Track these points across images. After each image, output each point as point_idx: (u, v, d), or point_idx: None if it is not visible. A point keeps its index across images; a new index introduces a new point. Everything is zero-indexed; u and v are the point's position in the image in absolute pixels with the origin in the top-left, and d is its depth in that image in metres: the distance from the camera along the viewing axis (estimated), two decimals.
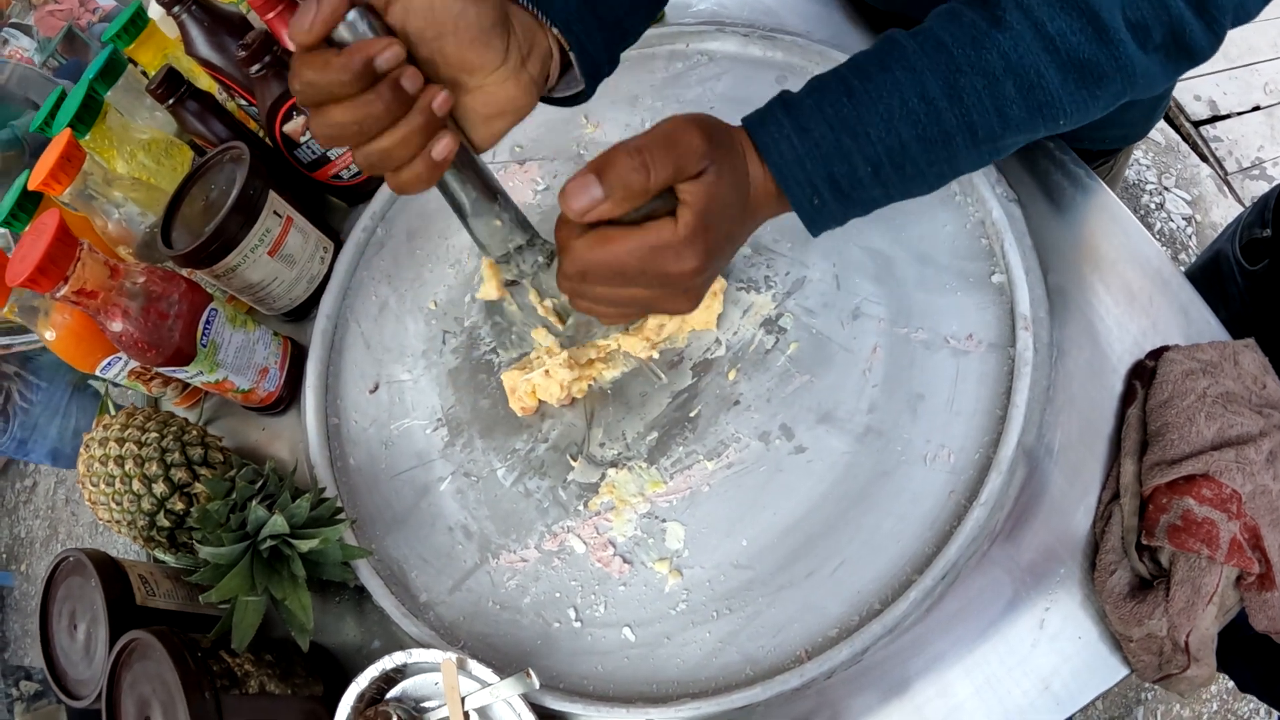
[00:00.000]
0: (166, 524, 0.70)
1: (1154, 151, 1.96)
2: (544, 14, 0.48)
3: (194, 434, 0.74)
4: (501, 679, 0.57)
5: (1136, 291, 0.65)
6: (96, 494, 0.70)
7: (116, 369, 0.81)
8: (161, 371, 0.74)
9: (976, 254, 0.67)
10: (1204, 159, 1.94)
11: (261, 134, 0.90)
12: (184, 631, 0.61)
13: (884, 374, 0.65)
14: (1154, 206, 1.90)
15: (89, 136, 0.83)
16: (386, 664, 0.59)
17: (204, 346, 0.72)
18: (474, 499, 0.71)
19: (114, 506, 0.69)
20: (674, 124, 0.45)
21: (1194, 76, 2.00)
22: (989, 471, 0.59)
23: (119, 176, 0.81)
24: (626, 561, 0.64)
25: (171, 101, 0.82)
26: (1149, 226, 1.86)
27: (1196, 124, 1.96)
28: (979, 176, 0.67)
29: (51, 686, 0.65)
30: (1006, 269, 0.65)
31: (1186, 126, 1.97)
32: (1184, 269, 0.78)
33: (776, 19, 0.84)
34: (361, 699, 0.59)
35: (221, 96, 0.92)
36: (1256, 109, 1.96)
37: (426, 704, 0.60)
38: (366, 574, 0.69)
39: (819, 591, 0.59)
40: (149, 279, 0.70)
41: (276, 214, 0.78)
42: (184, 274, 0.75)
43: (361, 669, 0.59)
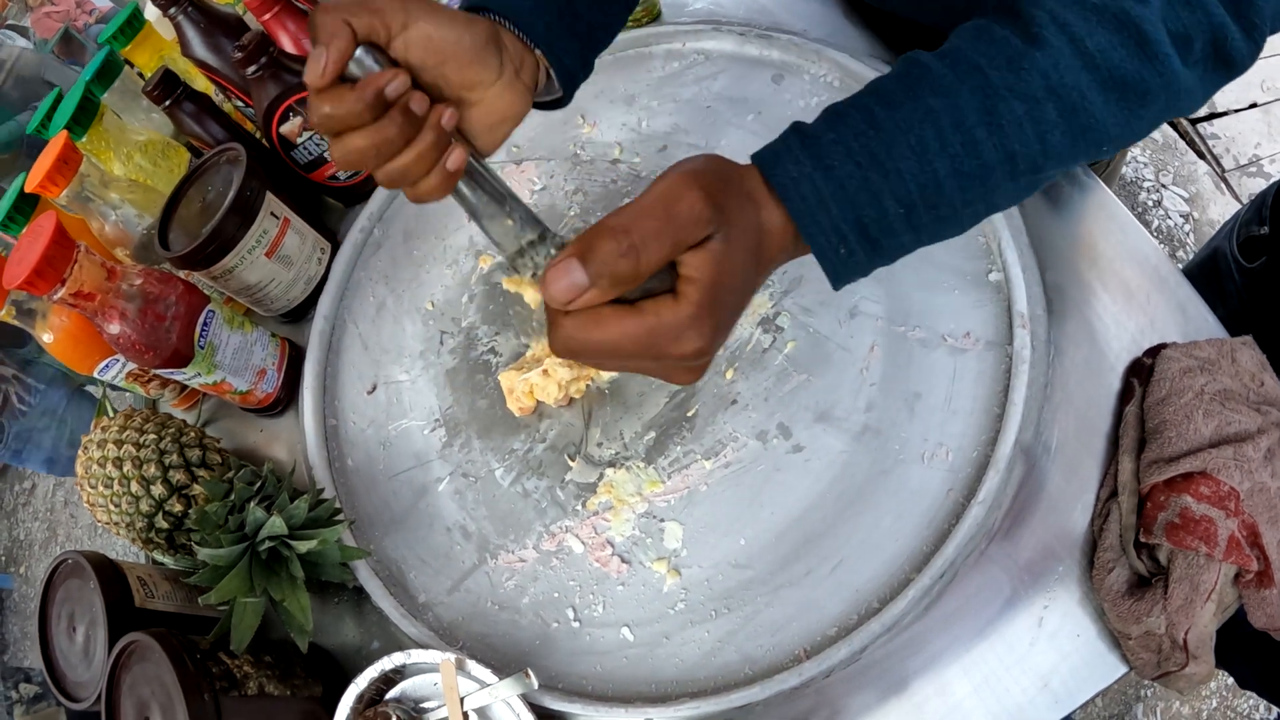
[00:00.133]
0: (165, 525, 0.70)
1: (1151, 149, 1.96)
2: (528, 37, 0.51)
3: (192, 435, 0.74)
4: (500, 679, 0.57)
5: (1134, 289, 0.65)
6: (95, 496, 0.70)
7: (114, 371, 0.81)
8: (159, 373, 0.74)
9: (974, 252, 0.67)
10: (1201, 156, 1.94)
11: (258, 135, 0.90)
12: (183, 633, 0.61)
13: (882, 372, 0.65)
14: (1151, 204, 1.90)
15: (85, 138, 0.83)
16: (385, 665, 0.59)
17: (201, 348, 0.72)
18: (472, 499, 0.71)
19: (112, 508, 0.70)
20: (670, 187, 0.40)
21: None
22: (987, 470, 0.59)
23: (116, 178, 0.81)
24: (625, 561, 0.64)
25: (168, 103, 0.82)
26: (1147, 224, 1.86)
27: (1194, 121, 1.96)
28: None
29: (51, 689, 0.66)
30: (1004, 267, 0.65)
31: (1184, 124, 1.97)
32: (1182, 266, 0.78)
33: (772, 18, 0.84)
34: (360, 700, 0.59)
35: (218, 98, 0.92)
36: (1254, 106, 1.96)
37: (426, 704, 0.60)
38: (365, 575, 0.69)
39: (817, 590, 0.59)
40: (146, 281, 0.70)
41: (273, 215, 0.78)
42: (181, 276, 0.75)
43: (360, 670, 0.59)
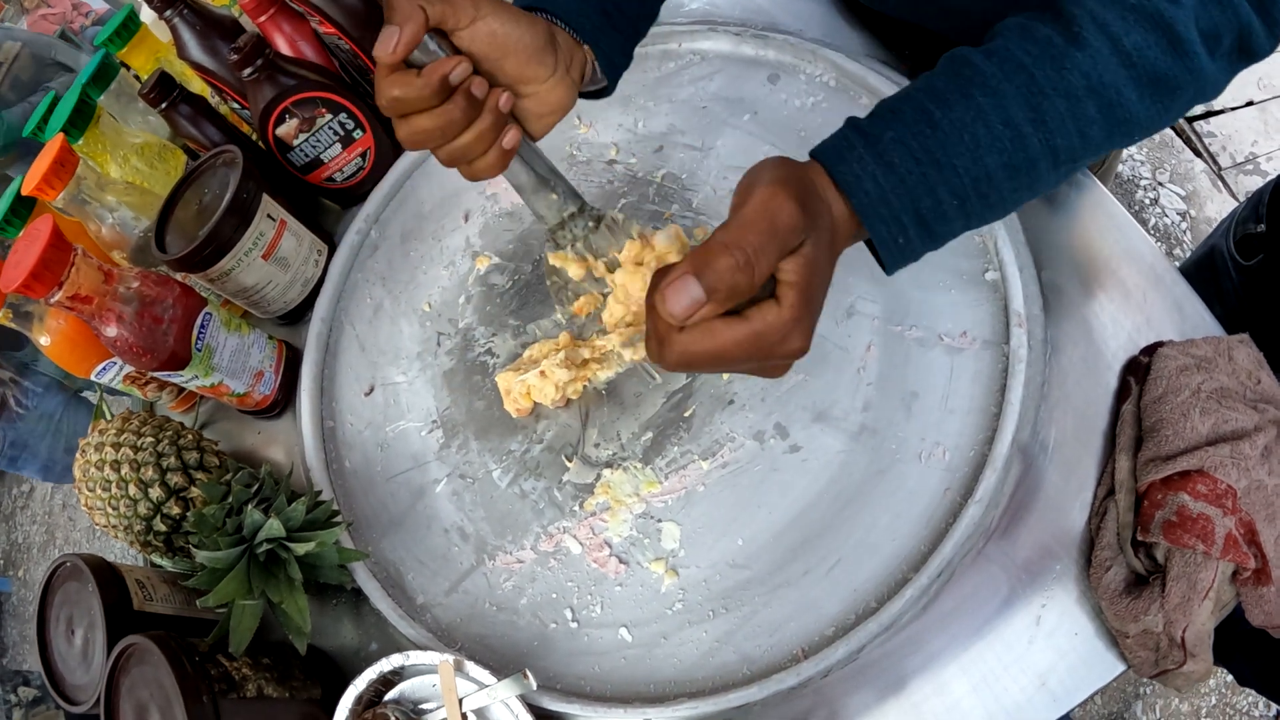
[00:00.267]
0: (163, 528, 0.70)
1: (1148, 147, 1.96)
2: (578, 34, 0.55)
3: (190, 438, 0.74)
4: (499, 680, 0.57)
5: (1131, 287, 0.65)
6: (93, 499, 0.70)
7: (112, 374, 0.81)
8: (157, 376, 0.74)
9: (970, 251, 0.67)
10: (1198, 154, 1.94)
11: (254, 137, 0.90)
12: (181, 636, 0.61)
13: (879, 372, 0.65)
14: (1149, 202, 1.90)
15: (82, 141, 0.83)
16: (384, 666, 0.59)
17: (199, 351, 0.72)
18: (470, 501, 0.71)
19: (110, 511, 0.69)
20: (769, 198, 0.42)
21: None
22: (984, 469, 0.59)
23: (112, 181, 0.81)
24: (622, 562, 0.64)
25: (164, 105, 0.82)
26: (1144, 222, 1.87)
27: (1190, 119, 1.96)
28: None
29: (50, 692, 0.65)
30: (1000, 266, 0.65)
31: (1180, 122, 1.97)
32: (1179, 265, 0.79)
33: (768, 18, 0.84)
34: (359, 701, 0.59)
35: (214, 100, 0.92)
36: (1250, 104, 1.96)
37: (424, 706, 0.60)
38: (363, 576, 0.69)
39: (815, 590, 0.59)
40: (143, 283, 0.70)
41: (270, 217, 0.78)
42: (178, 278, 0.75)
43: (359, 671, 0.59)
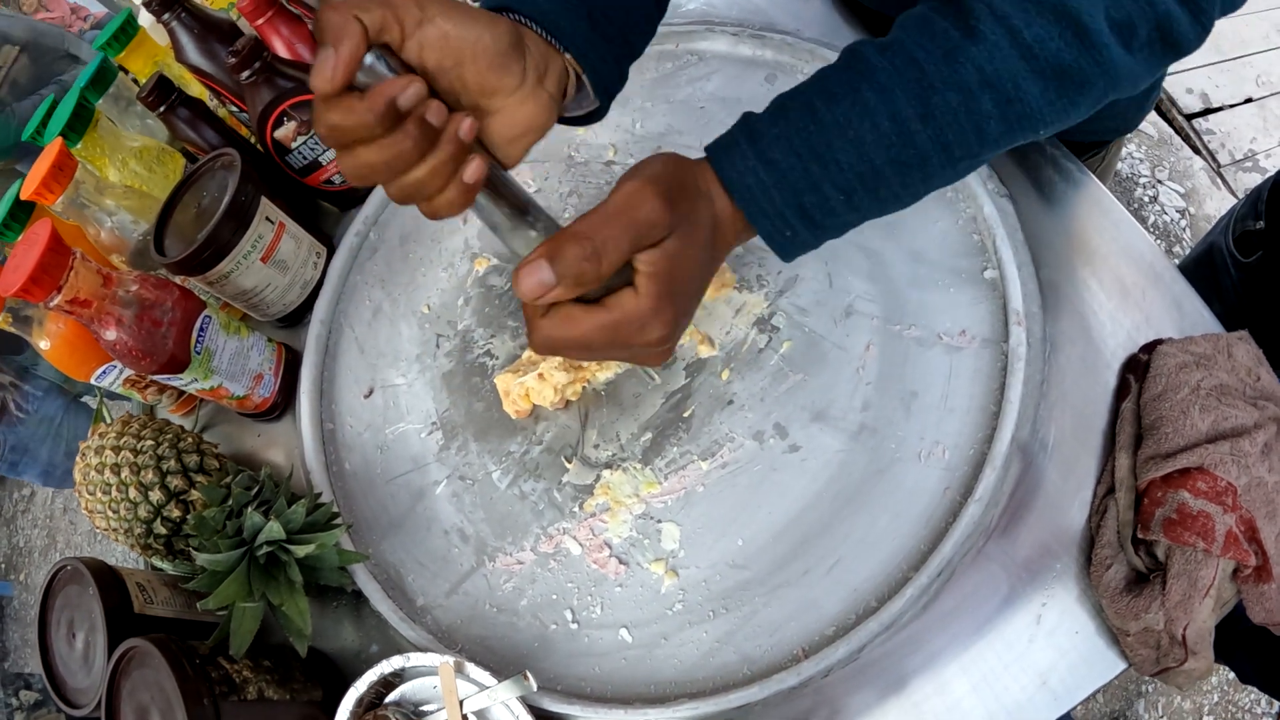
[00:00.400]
0: (163, 531, 0.70)
1: (1147, 145, 1.96)
2: (556, 39, 0.48)
3: (189, 441, 0.74)
4: (499, 682, 0.57)
5: (1129, 285, 0.65)
6: (93, 502, 0.70)
7: (111, 377, 0.81)
8: (156, 379, 0.74)
9: (969, 250, 0.67)
10: (1197, 152, 1.94)
11: (253, 140, 0.90)
12: (182, 638, 0.61)
13: (877, 371, 0.65)
14: (1148, 200, 1.90)
15: (80, 145, 0.83)
16: (385, 668, 0.59)
17: (198, 354, 0.72)
18: (469, 502, 0.71)
19: (111, 515, 0.69)
20: (632, 194, 0.43)
21: (1186, 69, 2.00)
22: (983, 467, 0.59)
23: (111, 185, 0.81)
24: (622, 563, 0.64)
25: (162, 109, 0.82)
26: (1143, 220, 1.87)
27: (1189, 117, 1.97)
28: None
29: (51, 695, 0.65)
30: (999, 264, 0.65)
31: (1179, 120, 1.98)
32: (1178, 262, 0.79)
33: (766, 17, 0.84)
34: (360, 703, 0.59)
35: (212, 103, 0.92)
36: (1249, 101, 1.96)
37: (425, 708, 0.60)
38: (363, 578, 0.69)
39: (815, 590, 0.59)
40: (142, 287, 0.70)
41: (269, 220, 0.78)
42: (177, 281, 0.75)
43: (360, 673, 0.59)
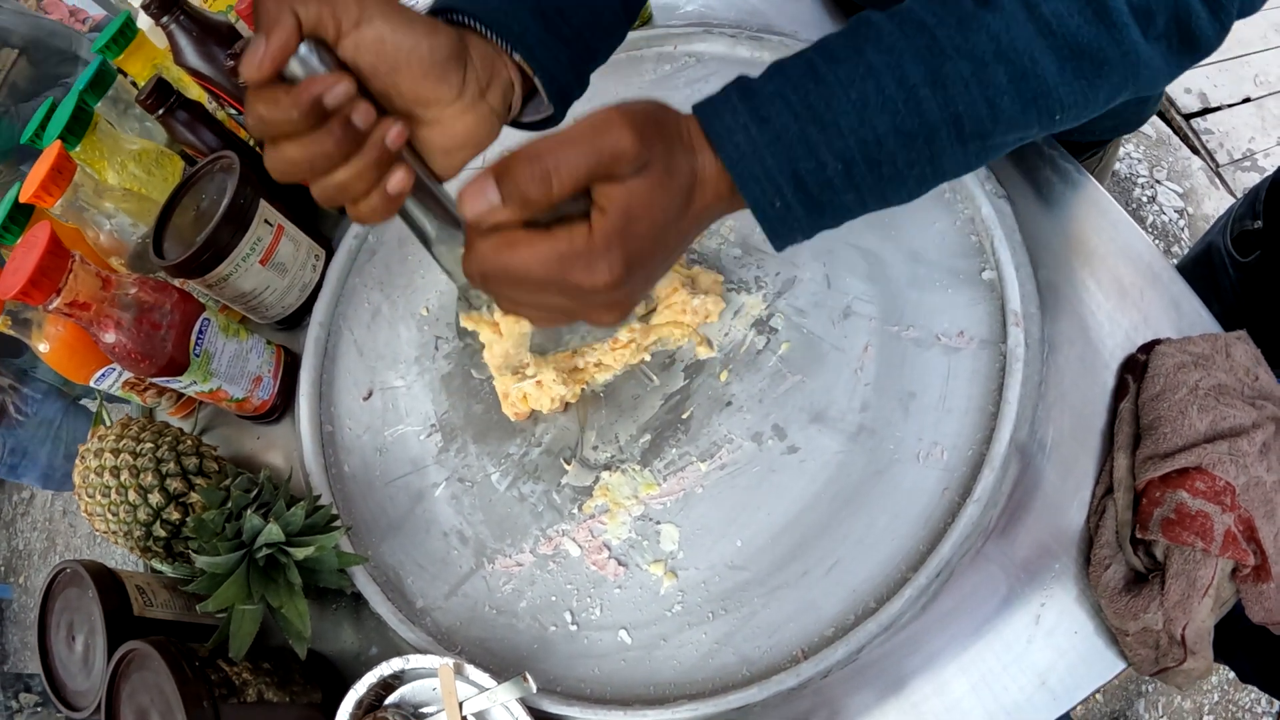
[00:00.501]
0: (163, 534, 0.70)
1: (1145, 145, 1.96)
2: (503, 40, 0.46)
3: (189, 444, 0.74)
4: (499, 683, 0.57)
5: (1127, 285, 0.65)
6: (93, 505, 0.70)
7: (111, 380, 0.81)
8: (155, 382, 0.74)
9: (966, 251, 0.67)
10: (1195, 151, 1.94)
11: (251, 142, 0.90)
12: (182, 641, 0.61)
13: (876, 372, 0.65)
14: (1146, 200, 1.90)
15: (79, 148, 0.83)
16: (384, 670, 0.59)
17: (197, 356, 0.72)
18: (468, 504, 0.71)
19: (110, 517, 0.69)
20: (599, 120, 0.39)
21: None
22: (982, 468, 0.59)
23: (110, 188, 0.81)
24: (621, 564, 0.64)
25: (161, 112, 0.82)
26: (1141, 220, 1.87)
27: (1187, 116, 1.97)
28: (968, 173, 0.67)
29: (51, 698, 0.65)
30: (997, 265, 0.65)
31: (1177, 119, 1.98)
32: (1176, 262, 0.79)
33: (764, 20, 0.84)
34: (360, 705, 0.59)
35: (211, 106, 0.92)
36: (1247, 100, 1.96)
37: (425, 709, 0.60)
38: (363, 580, 0.69)
39: (814, 591, 0.59)
40: (141, 289, 0.70)
41: (268, 223, 0.78)
42: (176, 284, 0.75)
43: (359, 676, 0.59)
